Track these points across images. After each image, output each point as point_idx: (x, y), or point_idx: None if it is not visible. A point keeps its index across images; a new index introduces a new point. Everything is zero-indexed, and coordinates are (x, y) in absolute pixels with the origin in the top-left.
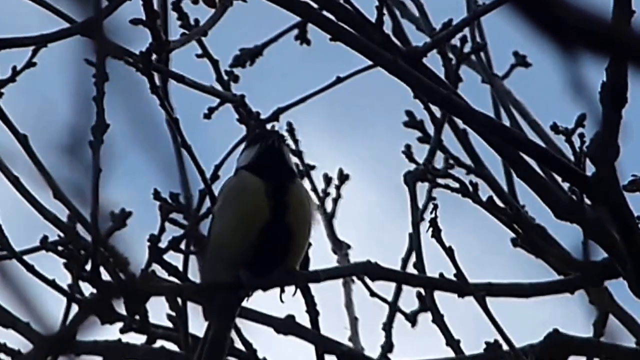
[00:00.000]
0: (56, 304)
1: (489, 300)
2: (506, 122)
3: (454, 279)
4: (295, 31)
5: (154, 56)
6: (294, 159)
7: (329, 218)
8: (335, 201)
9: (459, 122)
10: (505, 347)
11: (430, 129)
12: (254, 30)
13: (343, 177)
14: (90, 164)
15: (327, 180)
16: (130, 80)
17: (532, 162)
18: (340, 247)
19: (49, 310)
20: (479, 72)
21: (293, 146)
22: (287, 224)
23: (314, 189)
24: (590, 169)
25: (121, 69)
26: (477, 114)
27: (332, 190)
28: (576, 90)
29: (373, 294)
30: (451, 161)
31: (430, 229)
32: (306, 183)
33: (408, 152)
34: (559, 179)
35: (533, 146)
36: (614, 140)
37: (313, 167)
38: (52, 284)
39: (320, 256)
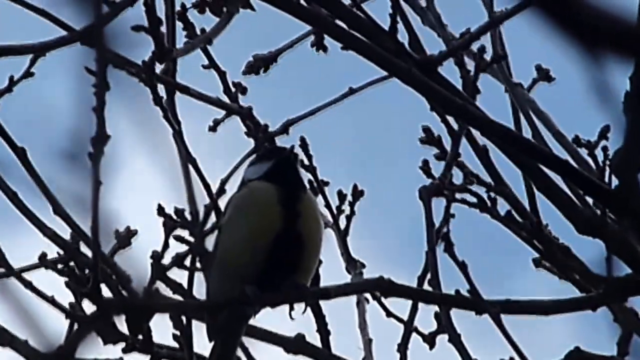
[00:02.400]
0: (58, 322)
1: (508, 317)
2: (528, 133)
3: (470, 296)
4: (312, 38)
5: (158, 66)
6: (307, 175)
7: (342, 235)
8: (349, 218)
9: (479, 138)
10: None
11: (448, 143)
12: (264, 41)
13: (357, 194)
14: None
15: (341, 196)
16: (134, 90)
17: (554, 176)
18: (354, 265)
19: (49, 328)
20: (501, 81)
21: (306, 161)
22: (299, 234)
23: (328, 206)
24: (615, 183)
25: (125, 78)
26: (495, 125)
27: (346, 207)
28: (601, 95)
29: (389, 314)
30: (471, 178)
31: (443, 244)
32: (319, 199)
33: (425, 168)
34: (582, 193)
35: (553, 158)
36: (638, 151)
37: (327, 183)
38: (51, 301)
39: (334, 275)
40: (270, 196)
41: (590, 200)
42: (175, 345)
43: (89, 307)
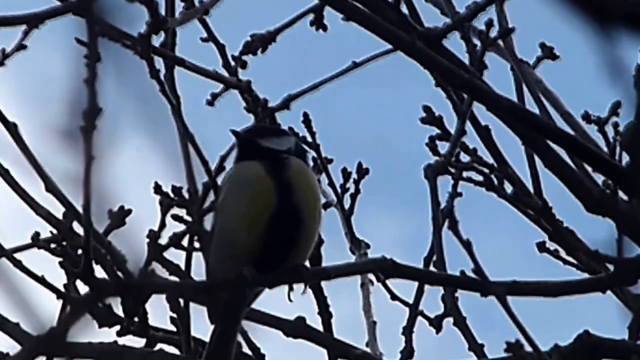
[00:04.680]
0: (51, 303)
1: (514, 300)
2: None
3: (475, 276)
4: (311, 16)
5: (157, 40)
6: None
7: (347, 215)
8: (354, 197)
9: (481, 117)
10: (528, 348)
11: (451, 123)
12: (264, 11)
13: (362, 172)
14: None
15: (346, 174)
16: (130, 64)
17: (562, 153)
18: (358, 246)
19: (41, 310)
20: (507, 59)
21: (309, 138)
22: (295, 206)
23: (331, 184)
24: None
25: (120, 51)
26: (501, 99)
27: (351, 186)
28: (612, 72)
29: (394, 297)
30: (475, 157)
31: (447, 221)
32: (324, 178)
33: (431, 145)
34: (590, 171)
35: (560, 133)
36: None
37: (331, 161)
38: (42, 280)
39: (338, 256)
40: (256, 170)
41: (598, 178)
42: (172, 328)
43: (82, 288)
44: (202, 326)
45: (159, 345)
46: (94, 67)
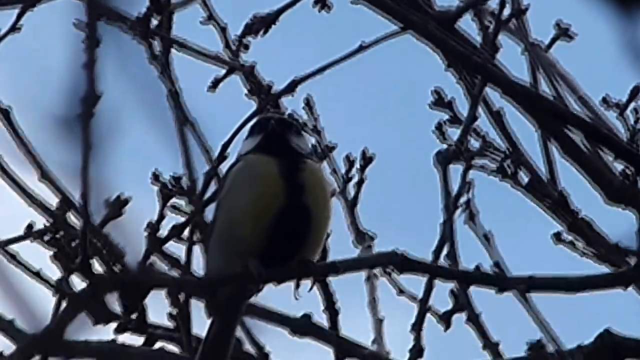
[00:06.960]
0: (46, 298)
1: (530, 296)
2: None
3: (491, 272)
4: None
5: (153, 20)
6: (310, 140)
7: (350, 205)
8: (358, 186)
9: (493, 101)
10: (550, 348)
11: (462, 107)
12: None
13: (367, 159)
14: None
15: (349, 162)
16: (128, 47)
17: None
18: (363, 237)
19: (37, 305)
20: (521, 40)
21: (311, 124)
22: (305, 207)
23: (334, 172)
24: None
25: (117, 34)
26: (516, 84)
27: (355, 174)
28: (633, 55)
29: (401, 291)
30: (487, 142)
31: (464, 213)
32: (325, 165)
33: (440, 131)
34: (611, 160)
35: (577, 119)
36: None
37: (333, 148)
38: (38, 275)
39: (341, 248)
40: (269, 168)
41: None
42: (171, 325)
43: (77, 282)
44: (201, 322)
45: (158, 343)
46: (93, 51)
